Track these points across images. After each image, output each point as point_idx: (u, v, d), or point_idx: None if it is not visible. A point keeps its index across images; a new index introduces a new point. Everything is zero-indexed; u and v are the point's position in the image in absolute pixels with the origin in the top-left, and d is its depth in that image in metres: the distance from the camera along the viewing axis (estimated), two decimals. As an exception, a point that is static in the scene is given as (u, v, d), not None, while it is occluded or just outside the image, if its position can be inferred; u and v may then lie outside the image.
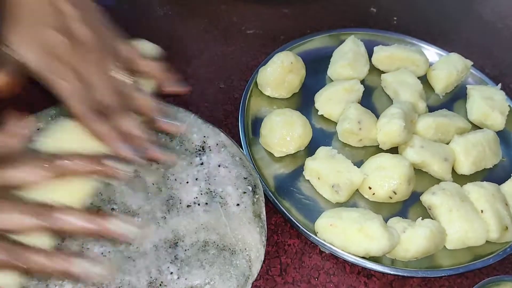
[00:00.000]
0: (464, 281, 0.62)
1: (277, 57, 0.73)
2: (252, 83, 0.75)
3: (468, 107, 0.78)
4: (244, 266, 0.54)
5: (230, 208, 0.57)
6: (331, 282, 0.60)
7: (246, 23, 0.89)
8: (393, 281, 0.61)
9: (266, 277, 0.59)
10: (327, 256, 0.62)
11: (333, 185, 0.63)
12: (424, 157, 0.67)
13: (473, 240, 0.62)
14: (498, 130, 0.75)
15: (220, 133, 0.63)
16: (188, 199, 0.57)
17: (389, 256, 0.61)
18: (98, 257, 0.52)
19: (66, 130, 0.58)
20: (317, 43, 0.83)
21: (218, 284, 0.52)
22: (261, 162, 0.67)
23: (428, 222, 0.60)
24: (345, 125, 0.69)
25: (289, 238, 0.63)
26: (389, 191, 0.64)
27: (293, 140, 0.67)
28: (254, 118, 0.72)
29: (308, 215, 0.63)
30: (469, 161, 0.69)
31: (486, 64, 0.89)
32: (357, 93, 0.74)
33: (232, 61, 0.82)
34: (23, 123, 0.53)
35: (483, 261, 0.61)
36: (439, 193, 0.63)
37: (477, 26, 0.98)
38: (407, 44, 0.84)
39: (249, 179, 0.60)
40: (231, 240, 0.55)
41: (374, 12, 0.96)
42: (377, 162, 0.65)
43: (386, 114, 0.69)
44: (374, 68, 0.82)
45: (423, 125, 0.71)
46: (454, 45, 0.91)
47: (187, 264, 0.53)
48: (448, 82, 0.79)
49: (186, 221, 0.55)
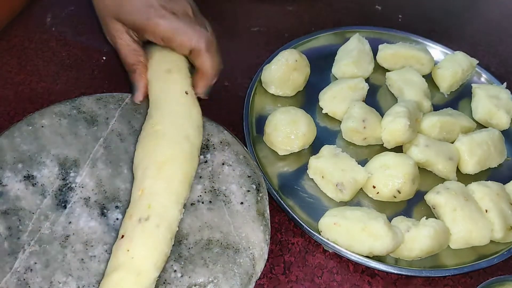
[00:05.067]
0: (468, 281, 0.62)
1: (282, 55, 0.73)
2: (257, 81, 0.75)
3: (473, 106, 0.78)
4: (247, 264, 0.54)
5: (234, 206, 0.57)
6: (335, 281, 0.60)
7: (251, 21, 0.89)
8: (397, 280, 0.61)
9: (269, 276, 0.59)
10: (331, 255, 0.62)
11: (337, 183, 0.63)
12: (428, 156, 0.67)
13: (477, 239, 0.62)
14: (503, 129, 0.75)
15: (224, 131, 0.63)
16: (192, 197, 0.57)
17: (393, 255, 0.60)
18: (102, 255, 0.52)
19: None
20: (321, 41, 0.83)
21: (222, 283, 0.52)
22: (265, 160, 0.67)
23: (432, 221, 0.60)
24: (349, 124, 0.69)
25: (292, 237, 0.63)
26: (393, 190, 0.64)
27: (297, 139, 0.67)
28: (258, 116, 0.72)
29: (312, 214, 0.63)
30: (473, 160, 0.68)
31: (492, 63, 0.88)
32: (362, 91, 0.73)
33: (236, 58, 0.82)
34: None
35: (487, 261, 0.61)
36: (444, 192, 0.63)
37: (483, 24, 0.97)
38: (412, 42, 0.84)
39: (253, 178, 0.60)
40: (235, 239, 0.55)
41: (379, 10, 0.96)
42: (382, 161, 0.65)
43: (390, 113, 0.69)
44: (379, 66, 0.81)
45: (428, 124, 0.71)
46: (459, 43, 0.90)
47: (190, 262, 0.53)
48: (453, 81, 0.79)
49: (190, 219, 0.55)
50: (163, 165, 0.54)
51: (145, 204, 0.51)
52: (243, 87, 0.77)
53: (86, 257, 0.52)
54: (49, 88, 0.73)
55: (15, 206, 0.54)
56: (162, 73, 0.61)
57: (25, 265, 0.51)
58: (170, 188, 0.53)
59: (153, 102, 0.60)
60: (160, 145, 0.55)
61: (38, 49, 0.78)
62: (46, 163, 0.58)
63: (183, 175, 0.54)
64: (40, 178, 0.57)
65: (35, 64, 0.76)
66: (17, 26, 0.80)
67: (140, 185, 0.53)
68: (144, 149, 0.56)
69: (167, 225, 0.51)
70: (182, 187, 0.54)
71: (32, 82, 0.74)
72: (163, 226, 0.51)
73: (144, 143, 0.57)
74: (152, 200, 0.52)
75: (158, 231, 0.50)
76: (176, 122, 0.57)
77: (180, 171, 0.54)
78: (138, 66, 0.61)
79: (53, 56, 0.77)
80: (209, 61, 0.61)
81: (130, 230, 0.50)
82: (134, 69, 0.62)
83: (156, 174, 0.53)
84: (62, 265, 0.51)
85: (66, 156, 0.59)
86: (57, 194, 0.56)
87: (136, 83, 0.62)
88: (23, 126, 0.60)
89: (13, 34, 0.79)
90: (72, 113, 0.62)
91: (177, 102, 0.59)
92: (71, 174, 0.57)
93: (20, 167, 0.57)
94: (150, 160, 0.55)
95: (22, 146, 0.58)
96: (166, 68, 0.61)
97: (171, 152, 0.55)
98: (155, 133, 0.56)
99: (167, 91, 0.60)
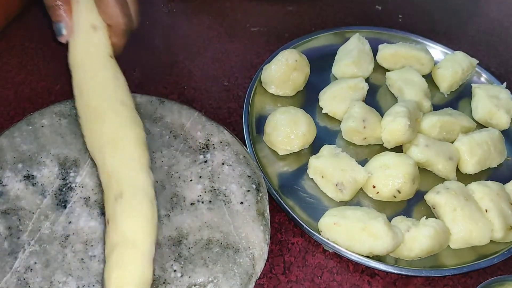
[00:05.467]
0: (468, 281, 0.62)
1: (282, 55, 0.73)
2: (256, 81, 0.75)
3: (473, 106, 0.78)
4: (247, 264, 0.54)
5: (234, 206, 0.57)
6: (335, 281, 0.60)
7: (251, 21, 0.89)
8: (396, 280, 0.61)
9: (269, 276, 0.59)
10: (331, 255, 0.62)
11: (337, 183, 0.63)
12: (428, 156, 0.67)
13: (477, 239, 0.62)
14: (503, 129, 0.75)
15: (224, 131, 0.63)
16: (192, 197, 0.57)
17: (393, 255, 0.60)
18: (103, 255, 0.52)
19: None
20: (321, 41, 0.83)
21: (222, 282, 0.52)
22: (265, 160, 0.67)
23: (432, 221, 0.60)
24: (349, 124, 0.69)
25: (292, 237, 0.63)
26: (393, 190, 0.64)
27: (297, 138, 0.67)
28: (258, 116, 0.72)
29: (312, 214, 0.63)
30: (473, 160, 0.68)
31: (492, 63, 0.88)
32: (362, 91, 0.73)
33: (236, 58, 0.82)
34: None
35: (487, 261, 0.61)
36: (443, 192, 0.63)
37: (483, 24, 0.97)
38: (412, 42, 0.84)
39: (253, 177, 0.60)
40: (235, 238, 0.55)
41: (379, 9, 0.96)
42: (381, 160, 0.65)
43: (390, 113, 0.69)
44: (379, 66, 0.81)
45: (428, 123, 0.71)
46: (459, 43, 0.90)
47: (190, 262, 0.53)
48: (453, 81, 0.79)
49: (190, 219, 0.55)
50: (114, 140, 0.53)
51: (114, 183, 0.52)
52: (243, 87, 0.77)
53: (86, 257, 0.52)
54: (49, 88, 0.73)
55: (15, 205, 0.54)
56: (87, 29, 0.58)
57: (25, 265, 0.51)
58: (129, 157, 0.53)
59: (77, 66, 0.58)
60: (103, 122, 0.54)
61: (38, 49, 0.78)
62: (46, 163, 0.58)
63: (135, 140, 0.54)
64: (40, 178, 0.57)
65: (35, 64, 0.76)
66: (17, 26, 0.80)
67: (104, 169, 0.53)
68: (91, 132, 0.55)
69: (142, 193, 0.51)
70: (140, 151, 0.54)
71: (32, 82, 0.74)
72: (139, 194, 0.51)
73: (87, 127, 0.56)
74: (119, 176, 0.52)
75: (136, 201, 0.50)
76: (108, 92, 0.56)
77: (131, 137, 0.54)
78: (62, 2, 0.58)
79: (53, 56, 0.77)
80: (123, 43, 0.60)
81: (111, 212, 0.50)
82: (59, 5, 0.57)
83: (112, 151, 0.53)
84: (62, 265, 0.51)
85: (66, 156, 0.59)
86: (57, 194, 0.56)
87: (62, 21, 0.58)
88: (23, 126, 0.60)
89: (13, 34, 0.79)
90: (72, 113, 0.62)
91: (103, 66, 0.57)
92: (71, 174, 0.57)
93: (20, 167, 0.57)
94: (101, 141, 0.54)
95: (22, 146, 0.58)
96: (92, 22, 0.58)
97: (115, 125, 0.54)
98: (94, 111, 0.55)
99: (92, 54, 0.57)
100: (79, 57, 0.57)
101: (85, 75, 0.57)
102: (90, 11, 0.58)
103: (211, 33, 0.86)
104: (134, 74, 0.77)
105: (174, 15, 0.88)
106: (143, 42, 0.81)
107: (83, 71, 0.57)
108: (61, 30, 0.58)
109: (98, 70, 0.57)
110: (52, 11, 0.58)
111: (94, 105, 0.55)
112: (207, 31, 0.86)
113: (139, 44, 0.81)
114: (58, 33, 0.58)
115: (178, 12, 0.88)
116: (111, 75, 0.57)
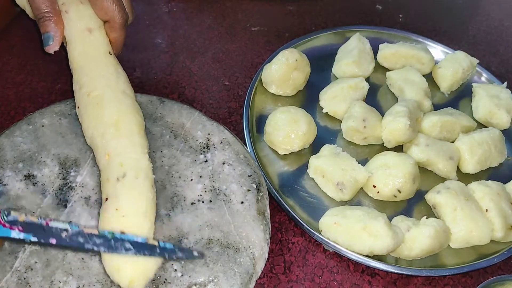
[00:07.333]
0: (469, 280, 0.62)
1: (282, 55, 0.73)
2: (257, 81, 0.75)
3: (473, 106, 0.78)
4: (248, 264, 0.54)
5: (234, 205, 0.57)
6: (335, 281, 0.60)
7: (251, 20, 0.89)
8: (397, 279, 0.61)
9: (270, 275, 0.59)
10: (331, 255, 0.62)
11: (337, 183, 0.63)
12: (429, 155, 0.67)
13: (478, 239, 0.62)
14: (503, 128, 0.75)
15: (224, 131, 0.63)
16: (192, 197, 0.57)
17: (393, 255, 0.60)
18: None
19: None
20: (322, 41, 0.83)
21: (222, 282, 0.52)
22: (265, 159, 0.67)
23: (433, 221, 0.60)
24: (349, 123, 0.69)
25: (293, 236, 0.63)
26: (394, 190, 0.64)
27: (298, 138, 0.67)
28: (259, 116, 0.72)
29: (312, 213, 0.63)
30: (474, 160, 0.68)
31: (492, 62, 0.88)
32: (362, 91, 0.73)
33: (236, 58, 0.82)
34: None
35: (487, 260, 0.61)
36: (444, 191, 0.63)
37: (484, 24, 0.97)
38: (412, 42, 0.84)
39: (253, 177, 0.60)
40: (235, 238, 0.55)
41: (380, 9, 0.96)
42: (382, 160, 0.65)
43: (391, 112, 0.69)
44: (379, 65, 0.81)
45: (428, 123, 0.71)
46: (460, 43, 0.90)
47: (191, 261, 0.53)
48: (453, 80, 0.79)
49: (190, 219, 0.55)
50: (117, 124, 0.55)
51: (117, 164, 0.53)
52: (243, 86, 0.77)
53: (86, 256, 0.52)
54: (50, 87, 0.73)
55: (16, 205, 0.54)
56: (82, 32, 0.60)
57: (25, 264, 0.51)
58: (133, 142, 0.55)
59: (77, 67, 0.59)
60: (106, 108, 0.56)
61: (38, 49, 0.77)
62: (47, 163, 0.58)
63: (138, 127, 0.56)
64: (40, 177, 0.57)
65: (36, 63, 0.76)
66: (17, 26, 0.80)
67: (104, 151, 0.54)
68: (91, 118, 0.56)
69: (144, 175, 0.53)
70: (142, 137, 0.56)
71: (33, 82, 0.74)
72: (141, 176, 0.53)
73: (88, 113, 0.57)
74: (122, 158, 0.53)
75: (139, 182, 0.52)
76: (110, 83, 0.58)
77: (134, 124, 0.56)
78: (51, 14, 0.59)
79: (53, 56, 0.77)
80: (123, 37, 0.62)
81: (112, 191, 0.52)
82: (49, 17, 0.59)
83: (116, 135, 0.55)
84: (62, 265, 0.51)
85: (67, 155, 0.59)
86: (57, 193, 0.56)
87: (51, 32, 0.59)
88: (24, 125, 0.60)
89: (13, 34, 0.79)
90: (72, 112, 0.62)
91: (103, 64, 0.59)
92: (71, 174, 0.57)
93: (21, 166, 0.57)
94: (103, 125, 0.55)
95: (23, 145, 0.58)
96: (86, 26, 0.60)
97: (118, 110, 0.56)
98: (94, 99, 0.56)
99: (91, 55, 0.59)
100: (79, 59, 0.59)
101: (86, 72, 0.58)
102: (82, 17, 0.60)
103: (211, 32, 0.86)
104: (134, 74, 0.77)
105: (174, 15, 0.88)
106: (144, 42, 0.81)
107: (84, 70, 0.58)
108: (49, 41, 0.59)
109: (99, 67, 0.59)
110: (40, 23, 0.59)
111: (96, 94, 0.56)
112: (208, 30, 0.86)
113: (139, 44, 0.81)
114: (46, 43, 0.60)
115: (178, 12, 0.88)
116: (111, 69, 0.59)
